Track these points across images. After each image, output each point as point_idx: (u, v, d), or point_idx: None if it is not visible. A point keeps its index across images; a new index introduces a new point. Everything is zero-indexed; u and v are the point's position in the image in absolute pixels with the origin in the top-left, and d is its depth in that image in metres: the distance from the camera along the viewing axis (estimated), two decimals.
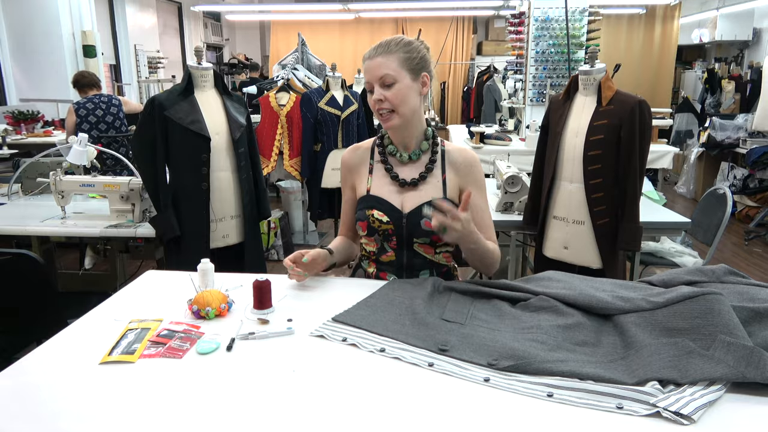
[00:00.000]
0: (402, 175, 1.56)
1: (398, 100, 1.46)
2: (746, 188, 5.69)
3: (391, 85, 1.45)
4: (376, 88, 1.46)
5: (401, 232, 1.52)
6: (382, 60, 1.45)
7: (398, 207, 1.53)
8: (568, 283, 1.34)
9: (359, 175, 1.62)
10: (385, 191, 1.55)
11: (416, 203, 1.52)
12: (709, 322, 1.06)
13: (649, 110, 2.33)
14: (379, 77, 1.45)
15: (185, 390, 1.01)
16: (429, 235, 1.51)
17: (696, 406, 0.92)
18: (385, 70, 1.45)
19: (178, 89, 2.53)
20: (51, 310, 2.19)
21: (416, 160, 1.57)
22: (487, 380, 1.02)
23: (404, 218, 1.52)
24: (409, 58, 1.47)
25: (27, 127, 5.27)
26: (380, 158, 1.59)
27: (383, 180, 1.57)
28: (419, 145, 1.57)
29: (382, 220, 1.52)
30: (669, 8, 9.39)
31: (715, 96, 7.78)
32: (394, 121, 1.48)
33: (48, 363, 1.11)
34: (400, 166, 1.58)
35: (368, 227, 1.55)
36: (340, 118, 4.12)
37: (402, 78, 1.46)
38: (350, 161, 1.64)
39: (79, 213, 2.92)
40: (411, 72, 1.47)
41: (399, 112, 1.47)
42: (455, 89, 10.61)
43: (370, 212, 1.53)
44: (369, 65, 1.47)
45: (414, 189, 1.54)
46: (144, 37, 8.15)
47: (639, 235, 2.39)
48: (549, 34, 5.39)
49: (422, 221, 1.49)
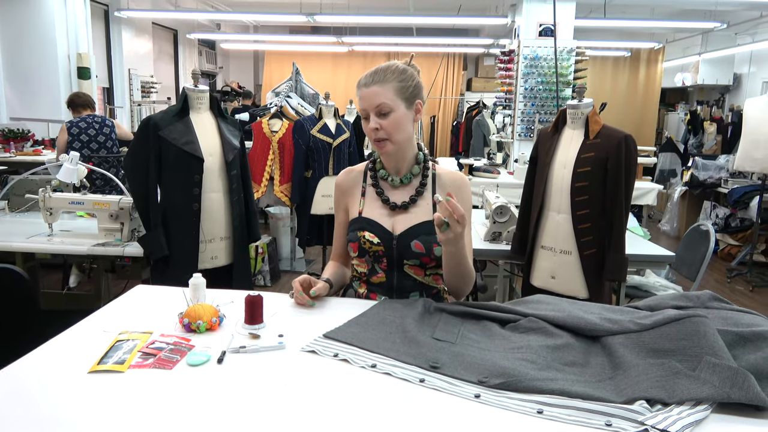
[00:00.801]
0: (393, 199, 1.59)
1: (393, 129, 1.49)
2: (728, 227, 5.80)
3: (387, 114, 1.48)
4: (372, 117, 1.49)
5: (392, 253, 1.54)
6: (378, 89, 1.48)
7: (389, 229, 1.55)
8: (556, 305, 1.35)
9: (352, 198, 1.64)
10: (376, 214, 1.58)
11: (407, 226, 1.54)
12: (695, 344, 1.08)
13: (635, 144, 2.40)
14: (375, 106, 1.48)
15: (175, 400, 1.00)
16: (419, 257, 1.52)
17: (683, 424, 0.93)
18: (382, 99, 1.47)
19: (173, 110, 2.56)
20: (32, 327, 2.16)
21: (407, 183, 1.60)
22: (478, 396, 1.03)
23: (395, 240, 1.54)
24: (404, 87, 1.50)
25: (16, 146, 5.26)
26: (372, 182, 1.62)
27: (375, 203, 1.60)
28: (410, 169, 1.60)
29: (372, 242, 1.54)
30: (653, 52, 9.71)
31: (698, 137, 7.99)
32: (388, 148, 1.51)
33: (36, 370, 1.10)
34: (392, 190, 1.61)
35: (359, 248, 1.56)
36: (331, 146, 4.17)
37: (397, 107, 1.48)
38: (343, 184, 1.67)
39: (66, 231, 2.90)
40: (406, 101, 1.50)
41: (393, 140, 1.50)
42: (445, 123, 10.79)
43: (361, 233, 1.55)
44: (365, 93, 1.49)
45: (404, 212, 1.57)
46: (139, 62, 8.23)
47: (625, 266, 2.43)
48: (537, 71, 5.54)
49: (412, 243, 1.52)
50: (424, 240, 1.52)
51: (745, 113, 4.96)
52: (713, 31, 7.79)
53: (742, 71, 8.79)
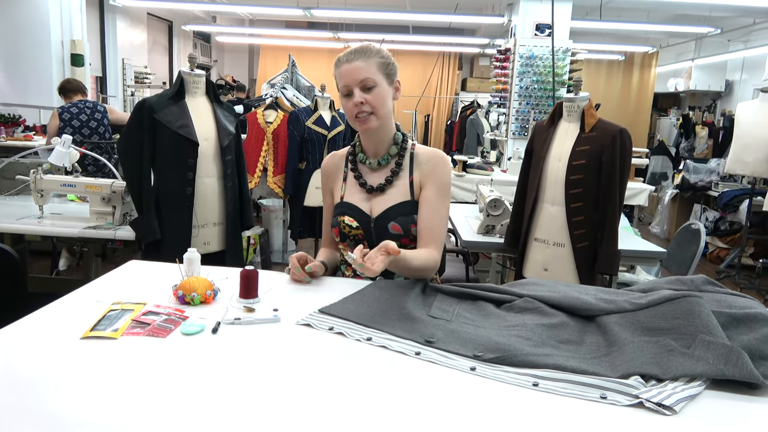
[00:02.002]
0: (370, 182, 1.59)
1: (378, 103, 1.50)
2: (717, 230, 5.85)
3: (372, 88, 1.49)
4: (356, 91, 1.49)
5: (371, 236, 1.56)
6: (362, 64, 1.49)
7: (367, 212, 1.56)
8: (552, 287, 1.36)
9: (336, 183, 1.66)
10: (356, 198, 1.59)
11: (384, 208, 1.55)
12: (690, 323, 1.09)
13: (630, 139, 2.42)
14: (359, 80, 1.49)
15: (169, 368, 0.99)
16: (398, 239, 1.53)
17: (677, 398, 0.93)
18: (366, 73, 1.49)
19: (168, 93, 2.54)
20: (19, 309, 2.13)
21: (385, 165, 1.60)
22: (474, 369, 1.03)
23: (372, 223, 1.55)
24: (385, 64, 1.53)
25: (7, 131, 5.20)
26: (351, 166, 1.63)
27: (354, 187, 1.61)
28: (388, 150, 1.60)
29: (351, 226, 1.56)
30: (647, 57, 9.78)
31: (689, 140, 8.05)
32: (372, 123, 1.52)
33: (28, 336, 1.09)
34: (369, 173, 1.62)
35: (340, 233, 1.59)
36: (326, 138, 4.16)
37: (380, 81, 1.51)
38: (328, 169, 1.69)
39: (56, 214, 2.87)
40: (387, 77, 1.53)
41: (378, 114, 1.51)
42: (439, 122, 10.80)
43: (341, 218, 1.57)
44: (348, 69, 1.50)
45: (381, 194, 1.58)
46: (133, 52, 8.16)
47: (617, 259, 2.44)
48: (533, 70, 5.55)
49: (390, 224, 1.53)
50: (401, 221, 1.53)
51: (737, 117, 5.00)
52: (706, 37, 7.85)
53: (734, 78, 8.87)
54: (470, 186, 4.66)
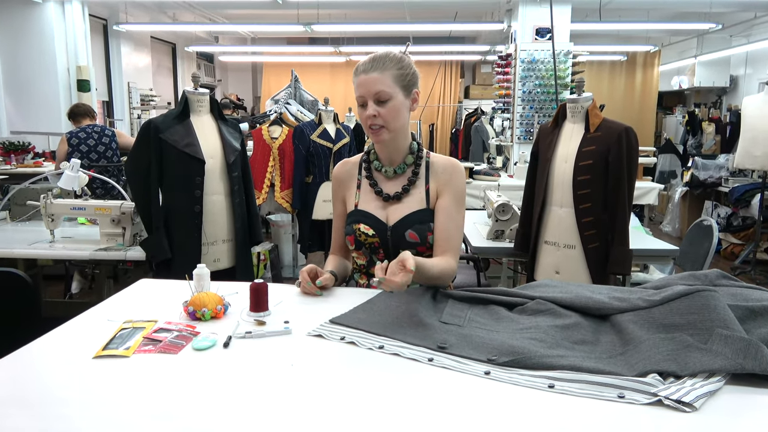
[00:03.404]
0: (386, 190, 1.59)
1: (390, 117, 1.49)
2: (730, 226, 5.79)
3: (386, 101, 1.47)
4: (370, 104, 1.48)
5: (387, 244, 1.55)
6: (378, 76, 1.47)
7: (383, 220, 1.55)
8: (564, 287, 1.35)
9: (349, 190, 1.65)
10: (371, 206, 1.58)
11: (400, 216, 1.55)
12: (706, 317, 1.07)
13: (636, 137, 2.40)
14: (374, 93, 1.47)
15: (181, 384, 0.99)
16: (414, 247, 1.52)
17: (697, 394, 0.92)
18: (381, 86, 1.47)
19: (174, 113, 2.56)
20: (33, 334, 2.14)
21: (401, 174, 1.60)
22: (488, 373, 1.02)
23: (389, 231, 1.54)
24: (403, 75, 1.50)
25: (17, 158, 5.27)
26: (366, 174, 1.62)
27: (370, 195, 1.60)
28: (404, 159, 1.59)
29: (368, 234, 1.54)
30: (649, 56, 9.75)
31: (696, 137, 8.00)
32: (384, 136, 1.51)
33: (42, 356, 1.09)
34: (385, 181, 1.61)
35: (356, 241, 1.57)
36: (332, 151, 4.17)
37: (396, 95, 1.48)
38: (340, 176, 1.67)
39: (67, 238, 2.89)
40: (404, 89, 1.50)
41: (390, 128, 1.50)
42: (443, 131, 10.81)
43: (356, 226, 1.56)
44: (364, 80, 1.49)
45: (398, 202, 1.57)
46: (137, 76, 8.26)
47: (629, 259, 2.41)
48: (535, 74, 5.56)
49: (406, 232, 1.52)
50: (417, 229, 1.52)
51: (744, 111, 4.97)
52: (708, 34, 7.83)
53: (739, 73, 8.82)
54: (478, 192, 4.65)
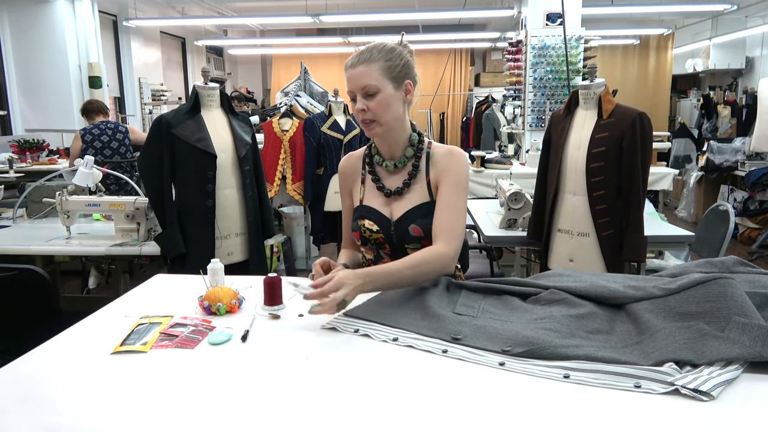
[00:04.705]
0: (388, 185, 1.57)
1: (380, 110, 1.45)
2: (747, 210, 5.71)
3: (374, 94, 1.44)
4: (359, 98, 1.45)
5: (391, 240, 1.53)
6: (364, 69, 1.43)
7: (387, 216, 1.54)
8: (578, 277, 1.34)
9: (354, 184, 1.64)
10: (375, 202, 1.57)
11: (403, 211, 1.53)
12: (723, 305, 1.06)
13: (650, 122, 2.37)
14: (361, 87, 1.44)
15: (198, 379, 1.00)
16: (419, 240, 1.51)
17: (714, 383, 0.91)
18: (367, 80, 1.43)
19: (184, 108, 2.57)
20: (52, 329, 2.18)
21: (402, 167, 1.57)
22: (503, 364, 1.02)
23: (392, 226, 1.53)
24: (391, 66, 1.45)
25: (32, 156, 5.33)
26: (369, 169, 1.61)
27: (373, 191, 1.59)
28: (404, 152, 1.56)
29: (372, 230, 1.54)
30: (662, 39, 9.60)
31: (712, 121, 7.88)
32: (375, 130, 1.48)
33: (61, 353, 1.11)
34: (387, 176, 1.59)
35: (361, 237, 1.57)
36: (342, 142, 4.17)
37: (384, 87, 1.44)
38: (345, 170, 1.66)
39: (83, 234, 2.92)
40: (393, 81, 1.46)
41: (381, 122, 1.47)
42: (454, 120, 10.76)
43: (361, 222, 1.56)
44: (351, 74, 1.46)
45: (400, 197, 1.55)
46: (148, 71, 8.30)
47: (644, 246, 2.39)
48: (546, 61, 5.49)
49: (410, 227, 1.51)
50: (420, 223, 1.50)
51: (760, 93, 4.89)
52: (723, 15, 7.68)
53: (755, 54, 8.66)
54: (489, 181, 4.63)
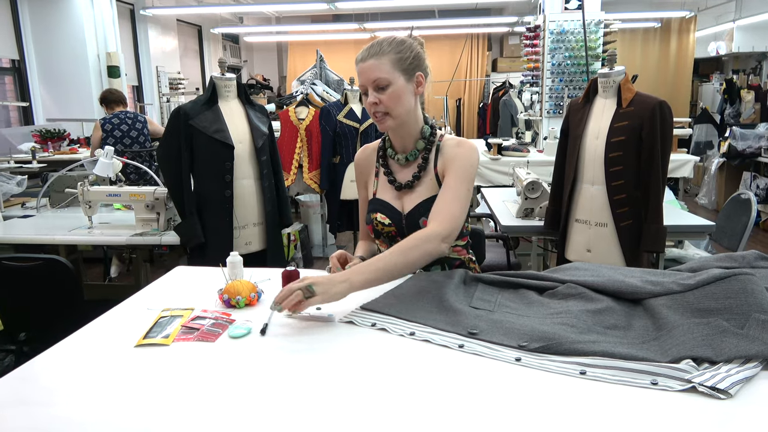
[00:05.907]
0: (399, 178, 1.58)
1: (392, 103, 1.45)
2: None
3: (385, 87, 1.44)
4: (370, 91, 1.46)
5: (403, 233, 1.54)
6: (375, 62, 1.44)
7: (398, 209, 1.56)
8: (595, 271, 1.33)
9: (369, 177, 1.66)
10: (387, 195, 1.58)
11: (413, 204, 1.53)
12: (742, 302, 1.05)
13: (670, 110, 2.33)
14: (372, 80, 1.44)
15: (220, 372, 1.02)
16: None
17: (732, 381, 0.91)
18: (378, 73, 1.43)
19: (202, 99, 2.59)
20: (77, 316, 2.23)
21: (413, 160, 1.57)
22: (519, 360, 1.02)
23: (404, 220, 1.54)
24: (402, 59, 1.45)
25: (54, 145, 5.41)
26: (382, 162, 1.62)
27: (386, 184, 1.60)
28: (415, 144, 1.56)
29: (384, 223, 1.55)
30: (684, 21, 9.40)
31: (735, 106, 7.71)
32: (388, 123, 1.49)
33: (84, 346, 1.14)
34: (399, 169, 1.59)
35: (374, 230, 1.59)
36: (358, 131, 4.17)
37: (395, 80, 1.44)
38: (361, 163, 1.68)
39: (105, 223, 2.98)
40: (404, 73, 1.46)
41: (393, 115, 1.47)
42: (471, 106, 10.67)
43: (374, 215, 1.57)
44: (362, 68, 1.46)
45: (410, 191, 1.55)
46: (165, 59, 8.35)
47: (663, 236, 2.37)
48: (565, 46, 5.41)
49: (420, 220, 1.51)
50: None
51: None
52: None
53: None
54: (506, 169, 4.60)
